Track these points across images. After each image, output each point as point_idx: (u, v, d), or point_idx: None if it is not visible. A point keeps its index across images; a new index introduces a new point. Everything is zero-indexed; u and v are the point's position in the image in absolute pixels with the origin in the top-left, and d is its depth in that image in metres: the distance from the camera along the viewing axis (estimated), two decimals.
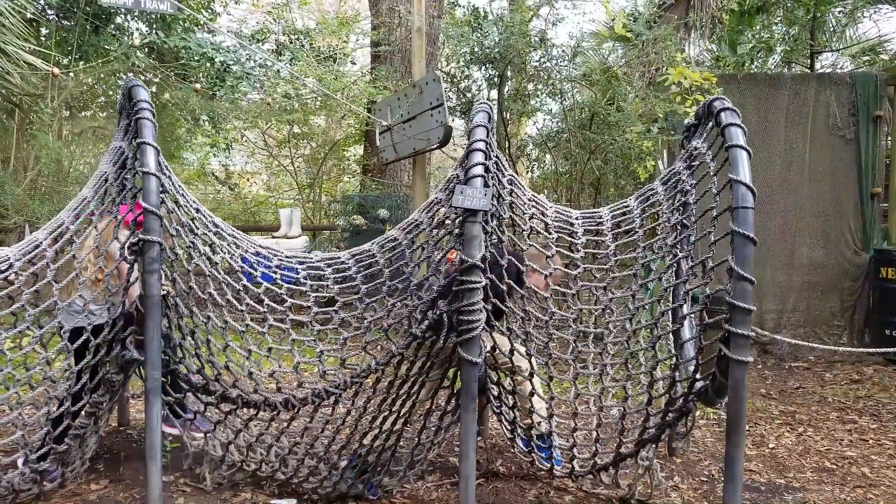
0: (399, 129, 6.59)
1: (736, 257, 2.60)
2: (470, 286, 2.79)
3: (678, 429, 3.74)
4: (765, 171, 7.41)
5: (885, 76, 7.53)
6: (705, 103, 3.16)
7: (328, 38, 11.39)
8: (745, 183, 2.64)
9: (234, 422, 3.27)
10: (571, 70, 7.78)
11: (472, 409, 2.82)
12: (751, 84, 7.62)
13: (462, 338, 2.81)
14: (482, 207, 2.79)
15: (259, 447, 3.32)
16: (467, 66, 7.19)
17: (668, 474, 3.77)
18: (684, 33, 10.01)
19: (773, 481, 3.75)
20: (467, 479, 2.82)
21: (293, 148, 12.10)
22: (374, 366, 2.94)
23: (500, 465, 3.82)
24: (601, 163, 7.59)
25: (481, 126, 3.02)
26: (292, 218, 7.95)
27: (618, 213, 3.41)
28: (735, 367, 2.58)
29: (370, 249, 3.25)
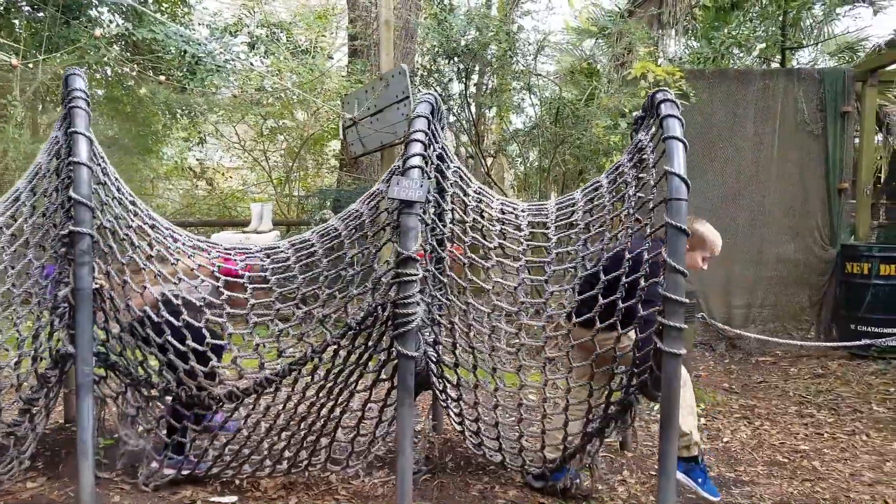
0: (366, 122, 6.55)
1: (669, 249, 2.58)
2: (406, 279, 2.76)
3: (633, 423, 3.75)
4: (734, 165, 7.43)
5: (853, 72, 7.57)
6: (650, 95, 3.14)
7: (305, 31, 11.32)
8: (680, 175, 2.61)
9: None
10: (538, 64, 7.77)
11: (408, 403, 2.79)
12: (720, 79, 7.63)
13: (398, 331, 2.78)
14: (418, 199, 2.76)
15: (202, 441, 3.28)
16: (434, 59, 7.14)
17: (618, 468, 3.77)
18: (657, 29, 10.03)
19: (722, 475, 3.75)
20: (404, 475, 2.80)
21: (270, 142, 12.02)
22: (310, 353, 2.91)
23: (451, 460, 3.80)
24: (570, 157, 7.58)
25: (422, 117, 2.99)
26: (263, 212, 7.87)
27: (563, 205, 3.39)
28: (668, 359, 2.57)
29: (310, 239, 3.21)
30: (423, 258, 3.18)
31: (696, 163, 7.49)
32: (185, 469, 3.26)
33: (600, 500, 3.36)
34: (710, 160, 7.47)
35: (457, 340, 3.11)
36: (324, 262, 3.05)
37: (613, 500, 3.38)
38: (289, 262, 3.13)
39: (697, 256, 3.30)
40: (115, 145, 10.87)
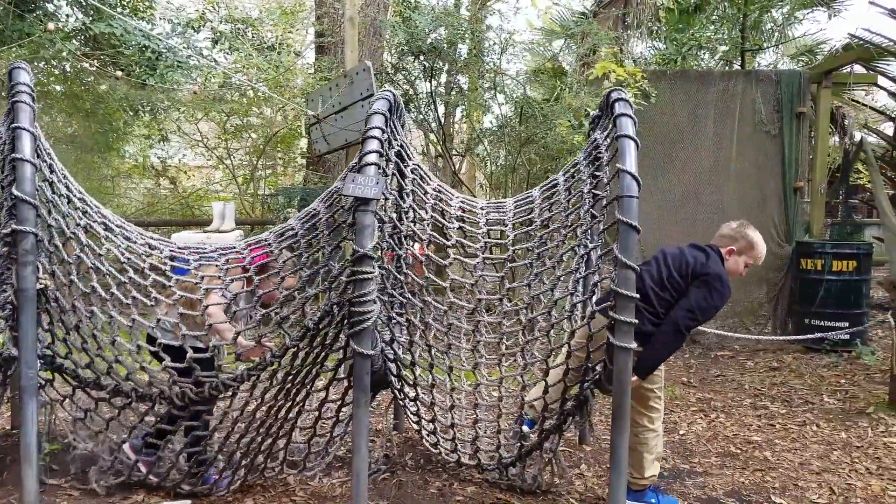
0: (331, 120, 6.52)
1: (620, 245, 2.62)
2: (362, 277, 2.76)
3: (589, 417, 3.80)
4: (694, 164, 7.56)
5: (808, 74, 7.75)
6: (605, 95, 3.18)
7: (272, 28, 11.21)
8: (631, 172, 2.66)
9: (128, 419, 3.17)
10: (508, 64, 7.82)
11: (364, 402, 2.79)
12: (681, 80, 7.76)
13: (354, 329, 2.78)
14: (374, 196, 2.75)
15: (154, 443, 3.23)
16: (400, 57, 7.14)
17: (576, 462, 3.82)
18: (622, 30, 10.15)
19: (677, 467, 3.82)
20: (359, 474, 2.79)
21: (235, 140, 11.87)
22: (269, 359, 2.89)
23: (411, 458, 3.81)
24: (535, 157, 7.64)
25: (379, 114, 2.99)
26: (225, 211, 7.78)
27: (521, 203, 3.42)
28: (619, 353, 2.61)
29: (267, 239, 3.19)
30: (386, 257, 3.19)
31: (658, 162, 7.61)
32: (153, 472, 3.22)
33: (557, 495, 3.40)
34: (671, 159, 7.59)
35: (414, 339, 3.11)
36: (280, 262, 3.03)
37: (570, 493, 3.43)
38: (244, 263, 3.10)
39: (741, 262, 3.25)
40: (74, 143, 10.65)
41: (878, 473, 3.77)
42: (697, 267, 3.05)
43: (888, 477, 3.73)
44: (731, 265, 3.19)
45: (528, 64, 8.50)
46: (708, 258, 3.10)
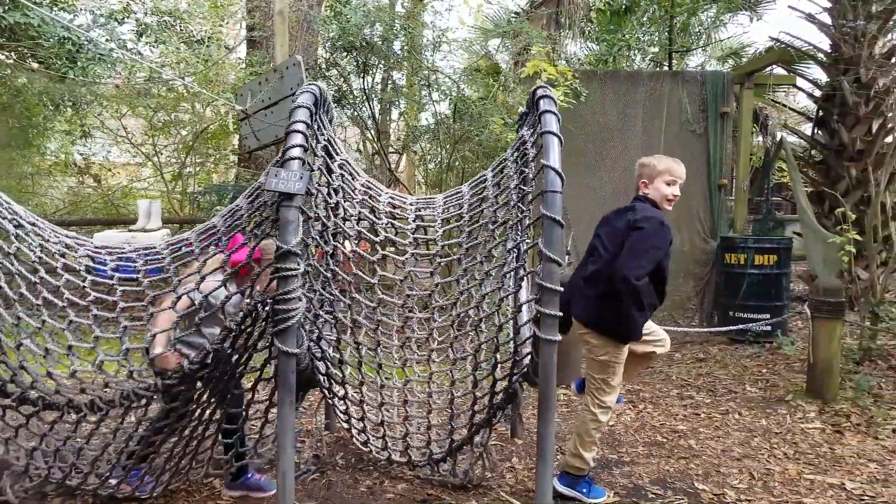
0: (260, 115, 6.38)
1: (545, 239, 2.65)
2: (286, 273, 2.70)
3: (519, 410, 3.84)
4: (623, 163, 7.74)
5: (731, 75, 8.04)
6: (531, 92, 3.21)
7: (201, 21, 10.90)
8: (554, 168, 2.69)
9: (38, 426, 3.02)
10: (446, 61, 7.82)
11: (288, 402, 2.73)
12: (612, 80, 7.94)
13: (278, 328, 2.72)
14: (298, 191, 2.70)
15: (68, 451, 3.09)
16: (332, 52, 7.05)
17: (507, 456, 3.85)
18: (555, 29, 10.30)
19: (606, 457, 3.90)
20: (285, 475, 2.74)
21: (163, 136, 11.50)
22: (187, 367, 2.79)
23: (341, 457, 3.76)
24: (470, 154, 7.68)
25: (303, 108, 2.93)
26: (151, 210, 7.53)
27: (451, 198, 3.43)
28: (544, 346, 2.64)
29: (188, 238, 3.09)
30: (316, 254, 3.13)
31: (590, 160, 7.76)
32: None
33: (489, 488, 3.42)
34: (602, 157, 7.76)
35: (342, 337, 3.07)
36: (201, 262, 2.93)
37: (501, 486, 3.45)
38: (163, 264, 2.99)
39: (660, 187, 3.22)
40: None
41: (794, 458, 3.94)
42: (630, 219, 3.14)
43: (804, 461, 3.90)
44: (654, 195, 3.24)
45: (464, 62, 8.53)
46: (634, 208, 3.21)
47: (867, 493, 3.44)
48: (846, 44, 7.42)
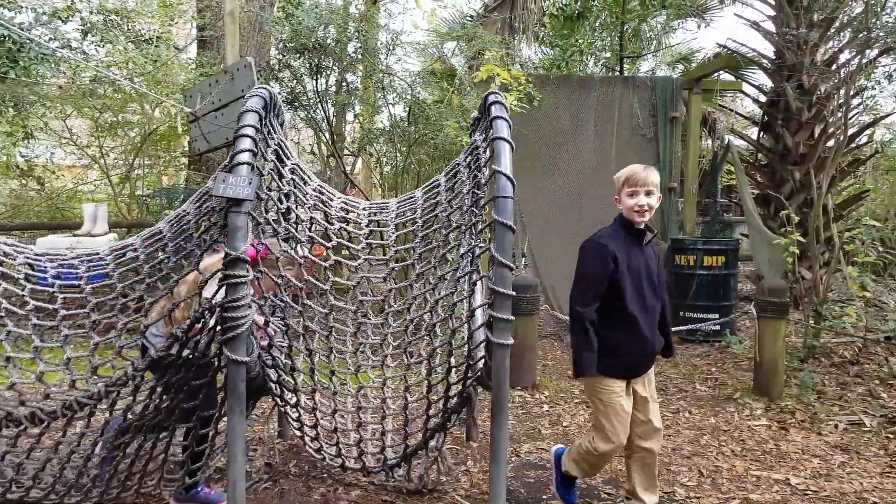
0: (210, 117, 6.26)
1: (496, 245, 2.66)
2: (234, 280, 2.65)
3: (473, 414, 3.85)
4: (577, 166, 7.86)
5: (680, 81, 8.23)
6: (483, 97, 3.22)
7: (150, 20, 10.64)
8: (506, 173, 2.69)
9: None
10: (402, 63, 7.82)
11: (238, 411, 2.68)
12: (564, 84, 8.04)
13: (227, 336, 2.66)
14: (246, 197, 2.65)
15: (6, 467, 2.97)
16: (284, 54, 6.97)
17: (462, 459, 3.85)
18: (509, 34, 10.38)
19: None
20: (235, 485, 2.68)
21: (110, 138, 11.19)
22: (131, 372, 2.72)
23: (295, 465, 3.71)
24: (426, 157, 7.68)
25: (252, 111, 2.88)
26: (97, 214, 7.32)
27: (404, 203, 3.41)
28: (496, 349, 2.65)
29: (133, 243, 3.01)
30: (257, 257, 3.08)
31: (544, 164, 7.85)
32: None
33: (443, 493, 3.42)
34: (556, 162, 7.86)
35: (294, 344, 3.03)
36: (146, 268, 2.86)
37: (456, 490, 3.45)
38: (107, 270, 2.91)
39: (624, 199, 3.00)
40: None
41: (742, 455, 4.04)
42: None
43: (751, 458, 4.00)
44: (623, 209, 3.02)
45: (419, 65, 8.53)
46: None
47: (811, 488, 3.55)
48: (789, 51, 7.67)
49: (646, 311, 2.97)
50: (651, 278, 3.00)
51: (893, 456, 3.98)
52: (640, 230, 3.01)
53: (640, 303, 2.96)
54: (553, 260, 7.70)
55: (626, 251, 2.96)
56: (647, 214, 2.96)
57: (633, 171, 2.99)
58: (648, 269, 3.00)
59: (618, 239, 2.99)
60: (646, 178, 2.95)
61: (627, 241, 2.99)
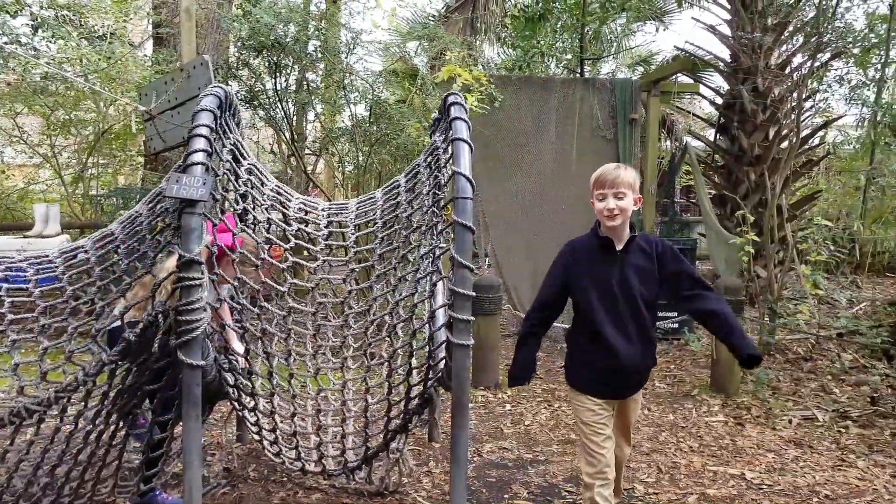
0: (167, 116, 6.13)
1: (456, 245, 2.65)
2: (189, 283, 2.59)
3: (435, 415, 3.84)
4: (539, 167, 7.90)
5: (639, 83, 8.33)
6: (443, 98, 3.22)
7: (104, 16, 10.38)
8: (465, 174, 2.69)
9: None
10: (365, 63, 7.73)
11: (194, 416, 2.62)
12: (526, 85, 8.08)
13: (181, 339, 2.60)
14: (201, 198, 2.59)
15: None
16: (241, 52, 6.86)
17: (424, 460, 3.84)
18: (471, 34, 10.40)
19: (521, 457, 3.96)
20: (191, 491, 2.62)
21: (63, 136, 10.88)
22: (82, 378, 2.63)
23: (254, 469, 3.65)
24: (387, 157, 7.64)
25: (206, 111, 2.81)
26: (49, 214, 7.10)
27: (364, 204, 3.39)
28: (457, 350, 2.64)
29: (83, 245, 2.93)
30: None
31: (507, 164, 7.88)
32: None
33: (405, 494, 3.40)
34: (518, 162, 7.89)
35: (251, 347, 2.98)
36: (97, 271, 2.78)
37: (418, 491, 3.44)
38: (56, 273, 2.82)
39: (595, 203, 2.74)
40: None
41: (699, 451, 4.11)
42: None
43: (708, 453, 4.07)
44: (596, 212, 2.76)
45: (380, 64, 8.49)
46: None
47: (765, 482, 3.63)
48: (745, 54, 7.85)
49: (618, 325, 2.64)
50: (629, 289, 2.63)
51: (845, 449, 4.09)
52: (605, 237, 2.69)
53: (611, 316, 2.64)
54: (515, 260, 7.74)
55: (593, 259, 2.70)
56: (617, 219, 2.64)
57: (601, 172, 2.72)
58: (624, 278, 2.64)
59: (587, 246, 2.76)
60: (614, 179, 2.66)
61: (596, 248, 2.72)
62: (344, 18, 8.49)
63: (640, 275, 2.65)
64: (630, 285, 2.64)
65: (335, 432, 3.41)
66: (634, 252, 2.68)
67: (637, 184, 2.70)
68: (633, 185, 2.68)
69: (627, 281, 2.64)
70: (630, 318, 2.65)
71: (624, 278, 2.65)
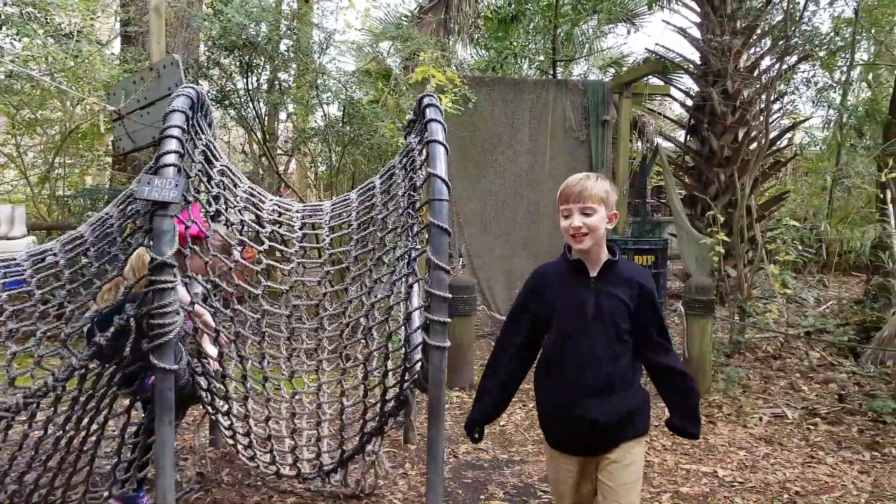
0: (136, 115, 6.03)
1: (432, 247, 2.65)
2: (161, 286, 2.55)
3: (410, 417, 3.84)
4: (513, 168, 7.93)
5: (611, 84, 8.41)
6: (418, 100, 3.21)
7: (70, 13, 10.18)
8: (441, 176, 2.69)
9: None
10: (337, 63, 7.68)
11: (167, 421, 2.58)
12: (499, 86, 8.10)
13: (154, 343, 2.56)
14: (173, 200, 2.56)
15: None
16: (211, 51, 6.78)
17: (400, 462, 3.83)
18: (444, 35, 10.41)
19: (497, 457, 3.97)
20: (164, 497, 2.59)
21: (28, 136, 10.65)
22: (51, 383, 2.58)
23: (227, 474, 3.61)
24: (361, 157, 7.61)
25: (178, 111, 2.78)
26: (14, 216, 6.94)
27: (339, 206, 3.37)
28: (433, 352, 2.64)
29: (52, 248, 2.87)
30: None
31: (480, 165, 7.90)
32: None
33: (381, 496, 3.39)
34: (492, 163, 7.91)
35: (224, 350, 2.94)
36: (67, 274, 2.72)
37: (394, 493, 3.43)
38: (25, 276, 2.76)
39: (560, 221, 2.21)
40: None
41: (672, 450, 4.16)
42: None
43: (681, 452, 4.12)
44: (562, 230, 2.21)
45: (353, 64, 8.45)
46: None
47: (737, 480, 3.69)
48: (714, 57, 7.97)
49: (590, 360, 2.14)
50: (606, 320, 2.15)
51: (814, 446, 4.17)
52: (576, 261, 2.20)
53: (577, 355, 2.15)
54: (489, 260, 7.77)
55: (564, 284, 2.23)
56: (585, 240, 2.13)
57: (566, 184, 2.21)
58: (600, 308, 2.15)
59: (558, 270, 2.27)
60: (581, 192, 2.14)
61: (567, 272, 2.23)
62: (316, 18, 8.44)
63: (619, 308, 2.16)
64: (607, 316, 2.15)
65: (310, 435, 3.39)
66: (614, 281, 2.19)
67: (611, 197, 2.19)
68: (606, 198, 2.17)
69: (603, 310, 2.16)
70: (605, 353, 2.14)
71: (600, 308, 2.16)
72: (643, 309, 2.20)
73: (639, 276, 2.23)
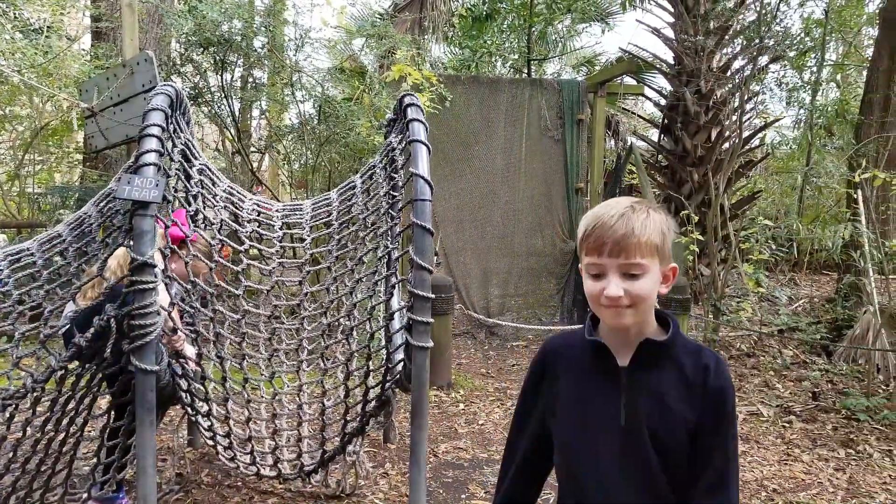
0: (109, 113, 5.94)
1: (415, 247, 2.66)
2: (142, 287, 2.53)
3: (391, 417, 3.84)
4: (488, 167, 7.97)
5: (585, 84, 8.48)
6: (398, 99, 3.22)
7: (39, 8, 9.97)
8: (423, 176, 2.70)
9: None
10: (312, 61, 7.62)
11: (148, 422, 2.56)
12: (475, 85, 8.13)
13: (135, 344, 2.54)
14: (153, 199, 2.53)
15: None
16: (187, 48, 6.70)
17: (381, 462, 3.84)
18: (419, 33, 10.41)
19: (476, 456, 3.99)
20: (146, 498, 2.57)
21: None
22: (30, 384, 2.54)
23: (207, 474, 3.59)
24: (337, 156, 7.58)
25: (157, 110, 2.76)
26: None
27: (319, 205, 3.36)
28: (417, 352, 2.65)
29: (29, 248, 2.82)
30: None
31: (455, 164, 7.92)
32: None
33: (362, 496, 3.39)
34: (468, 162, 7.94)
35: (204, 351, 2.93)
36: (45, 274, 2.68)
37: (375, 493, 3.44)
38: (2, 276, 2.71)
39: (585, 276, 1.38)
40: None
41: None
42: None
43: None
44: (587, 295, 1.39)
45: (328, 62, 8.40)
46: None
47: None
48: (688, 57, 8.08)
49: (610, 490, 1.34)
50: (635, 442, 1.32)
51: (790, 444, 4.26)
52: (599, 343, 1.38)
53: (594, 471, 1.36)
54: (465, 259, 7.80)
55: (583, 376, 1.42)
56: (626, 315, 1.32)
57: (594, 220, 1.34)
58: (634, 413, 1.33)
59: (576, 354, 1.45)
60: (624, 238, 1.30)
61: (589, 357, 1.41)
62: (290, 15, 8.38)
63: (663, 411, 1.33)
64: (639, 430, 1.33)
65: (291, 436, 3.38)
66: (660, 369, 1.37)
67: (667, 241, 1.36)
68: (661, 245, 1.35)
69: (638, 418, 1.34)
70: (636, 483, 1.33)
71: (634, 414, 1.34)
72: (705, 421, 1.33)
73: (703, 368, 1.37)
